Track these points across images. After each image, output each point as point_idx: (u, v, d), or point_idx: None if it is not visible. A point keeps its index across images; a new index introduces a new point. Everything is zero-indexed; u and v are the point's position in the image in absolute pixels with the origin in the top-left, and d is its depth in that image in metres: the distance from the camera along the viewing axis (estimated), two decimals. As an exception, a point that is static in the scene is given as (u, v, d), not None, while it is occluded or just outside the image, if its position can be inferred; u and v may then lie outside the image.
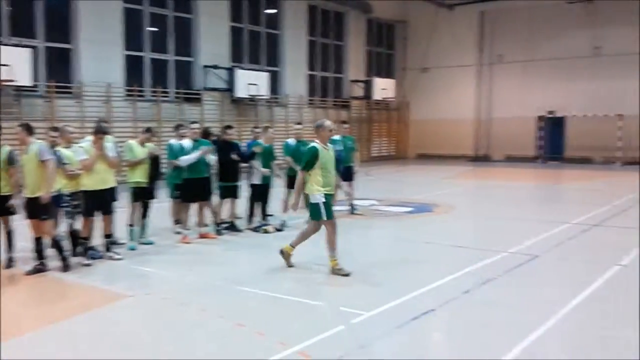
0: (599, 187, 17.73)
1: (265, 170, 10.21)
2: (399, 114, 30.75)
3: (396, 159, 29.88)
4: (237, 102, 21.54)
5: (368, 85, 27.51)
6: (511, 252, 8.42)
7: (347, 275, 7.10)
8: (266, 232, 9.99)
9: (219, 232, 9.82)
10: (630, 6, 24.44)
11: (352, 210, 11.89)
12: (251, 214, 10.32)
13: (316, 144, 7.30)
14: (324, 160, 7.24)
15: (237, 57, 22.29)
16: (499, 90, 28.48)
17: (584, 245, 9.27)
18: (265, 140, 10.38)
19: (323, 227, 7.37)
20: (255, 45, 23.35)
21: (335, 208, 11.45)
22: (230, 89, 20.96)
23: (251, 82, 21.20)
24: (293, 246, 7.62)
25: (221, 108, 21.17)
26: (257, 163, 10.12)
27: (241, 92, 20.92)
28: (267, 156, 10.26)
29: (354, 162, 12.09)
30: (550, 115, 26.90)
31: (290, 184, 10.82)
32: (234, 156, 10.05)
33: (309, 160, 7.20)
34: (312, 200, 7.32)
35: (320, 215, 7.24)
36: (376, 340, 5.11)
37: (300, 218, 10.94)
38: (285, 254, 7.62)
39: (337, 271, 7.16)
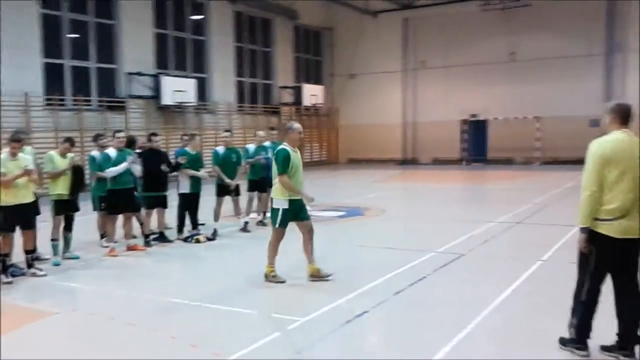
0: (520, 186, 18.52)
1: (202, 173, 10.07)
2: (329, 119, 31.05)
3: (327, 164, 30.12)
4: (164, 109, 21.11)
5: (297, 92, 27.62)
6: (439, 252, 8.66)
7: (282, 282, 7.08)
8: (198, 241, 9.81)
9: (147, 244, 9.55)
10: (541, 14, 25.75)
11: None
12: (181, 224, 10.11)
13: (285, 146, 7.20)
14: (294, 164, 7.10)
15: (162, 63, 21.86)
16: (424, 95, 29.27)
17: (508, 243, 9.65)
18: (192, 148, 10.21)
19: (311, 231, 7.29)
20: (180, 51, 22.98)
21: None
22: (156, 96, 20.53)
23: (178, 89, 20.84)
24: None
25: (147, 116, 20.69)
26: (188, 170, 9.94)
27: (167, 99, 20.53)
28: (195, 164, 10.09)
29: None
30: (473, 119, 27.90)
31: (220, 193, 10.70)
32: (164, 167, 9.84)
33: (285, 162, 6.99)
34: (274, 205, 7.15)
35: (275, 221, 7.11)
36: (312, 346, 5.12)
37: (234, 226, 10.85)
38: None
39: (271, 278, 7.13)
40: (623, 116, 4.56)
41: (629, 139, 4.50)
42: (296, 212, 7.15)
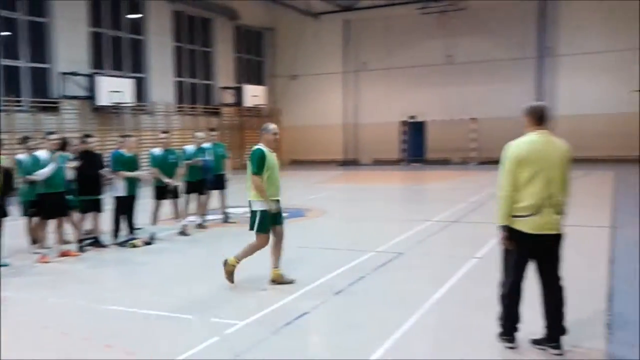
0: (457, 185, 18.99)
1: (141, 173, 9.85)
2: (271, 120, 30.74)
3: (269, 165, 30.00)
4: (100, 110, 20.52)
5: (238, 92, 27.38)
6: (379, 251, 8.78)
7: (230, 282, 7.00)
8: (134, 246, 9.58)
9: (81, 249, 9.27)
10: (476, 18, 26.54)
11: (226, 219, 11.77)
12: (116, 228, 9.85)
13: (261, 146, 7.08)
14: (270, 165, 7.00)
15: (97, 63, 21.24)
16: (365, 96, 29.62)
17: (445, 241, 9.88)
18: (127, 150, 9.96)
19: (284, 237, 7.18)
20: (117, 51, 22.38)
21: (210, 217, 11.38)
22: (91, 96, 19.92)
23: (114, 89, 20.29)
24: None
25: (82, 117, 20.05)
26: (124, 172, 9.69)
27: (103, 99, 19.96)
28: (130, 166, 9.85)
29: (225, 170, 11.96)
30: (412, 120, 28.45)
31: (158, 195, 10.51)
32: (105, 170, 9.59)
33: (259, 163, 6.89)
34: (253, 207, 6.98)
35: (253, 225, 6.94)
36: (251, 349, 5.09)
37: (172, 230, 10.66)
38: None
39: (227, 271, 6.98)
40: (537, 117, 4.78)
41: (544, 139, 4.72)
42: (274, 214, 7.02)
